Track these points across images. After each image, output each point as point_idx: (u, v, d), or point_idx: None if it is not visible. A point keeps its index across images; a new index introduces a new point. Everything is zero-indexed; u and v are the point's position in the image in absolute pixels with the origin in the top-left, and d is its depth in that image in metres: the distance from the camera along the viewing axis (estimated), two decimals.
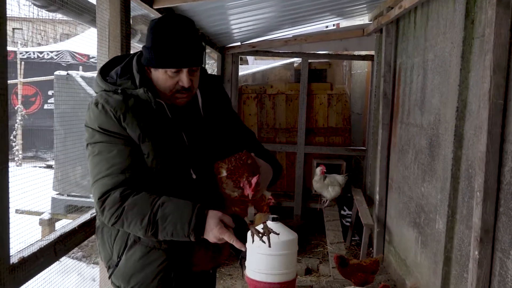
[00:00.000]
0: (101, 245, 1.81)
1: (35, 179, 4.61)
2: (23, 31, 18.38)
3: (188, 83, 1.69)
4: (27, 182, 4.22)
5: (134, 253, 1.72)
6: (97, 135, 1.65)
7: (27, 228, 4.23)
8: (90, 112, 1.67)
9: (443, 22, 3.57)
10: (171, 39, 1.65)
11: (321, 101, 6.18)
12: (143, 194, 1.61)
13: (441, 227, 3.29)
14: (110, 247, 1.76)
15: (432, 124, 3.71)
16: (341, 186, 5.58)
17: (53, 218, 5.05)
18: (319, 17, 5.38)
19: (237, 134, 1.96)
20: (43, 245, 1.59)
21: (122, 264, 1.74)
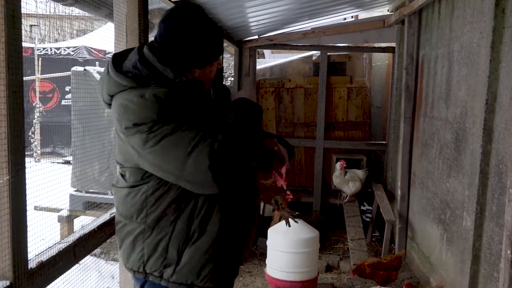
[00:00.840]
0: (150, 248, 1.72)
1: (53, 175, 4.60)
2: (40, 28, 18.55)
3: (221, 64, 1.85)
4: (45, 179, 4.20)
5: (200, 245, 1.72)
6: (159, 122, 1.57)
7: (46, 225, 4.23)
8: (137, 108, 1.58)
9: (470, 12, 3.43)
10: (210, 32, 1.75)
11: (341, 95, 6.06)
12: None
13: (469, 224, 3.18)
14: (165, 247, 1.71)
15: (458, 118, 3.59)
16: (361, 181, 5.48)
17: (71, 215, 5.05)
18: (338, 8, 5.25)
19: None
20: (62, 248, 1.54)
21: (186, 260, 1.72)
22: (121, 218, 1.78)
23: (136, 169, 1.69)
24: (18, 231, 1.30)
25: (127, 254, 1.77)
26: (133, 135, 1.59)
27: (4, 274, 1.27)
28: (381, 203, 5.06)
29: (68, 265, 1.59)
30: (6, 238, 1.26)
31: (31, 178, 3.85)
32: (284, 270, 3.55)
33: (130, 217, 1.73)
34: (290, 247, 3.51)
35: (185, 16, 1.72)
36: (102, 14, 2.55)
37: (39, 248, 1.64)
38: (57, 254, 1.51)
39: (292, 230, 3.61)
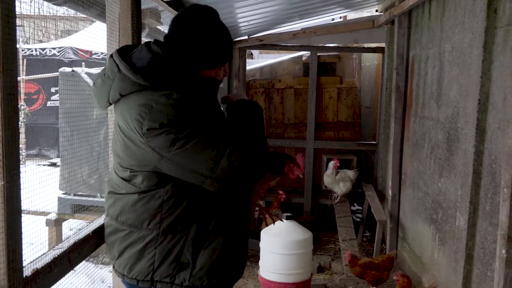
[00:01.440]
0: (162, 254, 1.68)
1: (40, 177, 4.50)
2: (25, 28, 18.29)
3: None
4: (32, 181, 4.12)
5: (215, 246, 1.71)
6: (187, 123, 1.55)
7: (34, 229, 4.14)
8: (164, 108, 1.54)
9: (461, 12, 3.44)
10: (227, 33, 1.80)
11: (331, 95, 6.06)
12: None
13: (462, 224, 3.18)
14: (179, 251, 1.68)
15: (450, 118, 3.60)
16: (352, 181, 5.48)
17: (60, 218, 4.96)
18: (328, 9, 5.26)
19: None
20: (56, 255, 1.49)
21: (203, 263, 1.70)
22: (123, 226, 1.70)
23: (151, 173, 1.63)
24: (13, 238, 1.26)
25: (132, 263, 1.70)
26: (157, 136, 1.53)
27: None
28: (372, 203, 5.07)
29: (63, 272, 1.54)
30: (1, 245, 1.22)
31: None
32: (277, 272, 3.52)
33: (139, 224, 1.67)
34: (283, 249, 3.49)
35: (202, 16, 1.73)
36: (93, 14, 2.50)
37: (28, 253, 1.59)
38: (52, 261, 1.46)
39: (285, 231, 3.59)
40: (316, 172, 5.98)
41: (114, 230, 1.72)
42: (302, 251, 3.55)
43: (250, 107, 1.83)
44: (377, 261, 3.80)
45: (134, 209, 1.67)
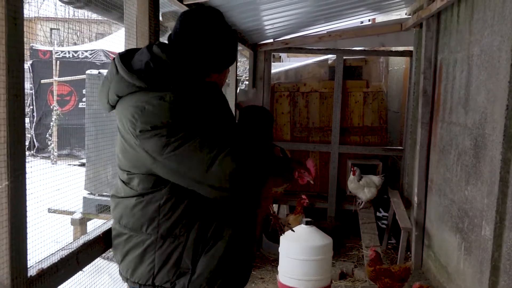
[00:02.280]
0: (161, 259, 1.65)
1: (69, 177, 4.61)
2: (60, 31, 18.82)
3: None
4: (59, 181, 4.21)
5: (216, 251, 1.67)
6: (180, 126, 1.52)
7: (59, 228, 4.23)
8: (156, 110, 1.52)
9: (490, 14, 3.33)
10: (229, 37, 1.76)
11: (357, 99, 5.97)
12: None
13: (488, 233, 3.07)
14: (179, 256, 1.65)
15: (477, 124, 3.49)
16: (377, 187, 5.38)
17: (84, 217, 5.05)
18: (355, 12, 5.18)
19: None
20: (64, 255, 1.50)
21: (203, 268, 1.66)
22: (124, 230, 1.70)
23: (147, 176, 1.61)
24: (17, 237, 1.27)
25: (133, 268, 1.69)
26: (149, 138, 1.51)
27: (1, 282, 1.24)
28: (397, 210, 4.96)
29: (70, 273, 1.55)
30: (4, 245, 1.23)
31: (45, 180, 3.85)
32: (296, 277, 3.48)
33: (138, 229, 1.66)
34: (302, 254, 3.45)
35: (206, 17, 1.70)
36: (113, 17, 2.53)
37: (52, 250, 1.60)
38: (59, 261, 1.47)
39: (304, 237, 3.55)
40: (340, 177, 5.90)
41: (117, 234, 1.72)
42: (321, 257, 3.50)
43: (257, 113, 1.79)
44: (393, 269, 3.72)
45: (133, 213, 1.66)
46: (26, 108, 12.60)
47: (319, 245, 3.50)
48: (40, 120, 11.79)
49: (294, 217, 4.77)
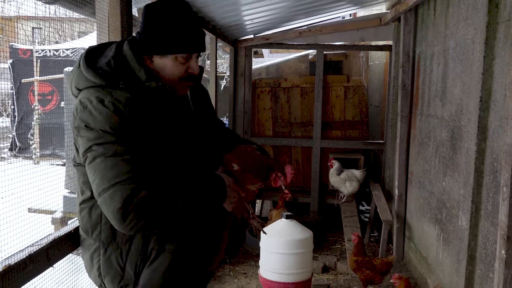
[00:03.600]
0: (105, 266, 1.64)
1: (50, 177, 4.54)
2: (42, 30, 18.56)
3: (198, 69, 1.68)
4: (40, 180, 4.15)
5: (161, 263, 1.61)
6: (108, 136, 1.49)
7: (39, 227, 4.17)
8: (93, 111, 1.50)
9: (464, 7, 3.37)
10: (181, 23, 1.62)
11: (338, 94, 6.00)
12: (164, 192, 1.53)
13: (464, 224, 3.12)
14: (121, 266, 1.62)
15: (453, 116, 3.53)
16: (359, 181, 5.41)
17: (65, 216, 5.01)
18: (335, 6, 5.20)
19: (217, 125, 2.01)
20: (33, 251, 1.49)
21: (146, 279, 1.61)
22: (81, 231, 1.72)
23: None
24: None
25: (88, 270, 1.72)
26: (81, 137, 1.53)
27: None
28: (378, 202, 5.00)
29: (40, 269, 1.54)
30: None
31: (26, 180, 3.81)
32: (277, 271, 3.49)
33: (86, 233, 1.67)
34: (283, 248, 3.45)
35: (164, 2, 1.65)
36: (86, 13, 2.50)
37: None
38: (28, 257, 1.46)
39: (285, 231, 3.55)
40: (323, 172, 5.92)
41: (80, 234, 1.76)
42: (302, 250, 3.51)
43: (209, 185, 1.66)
44: (375, 262, 3.75)
45: (81, 217, 1.68)
46: (7, 108, 12.44)
47: (300, 239, 3.51)
48: (21, 120, 11.63)
49: (276, 212, 4.78)
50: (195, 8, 3.87)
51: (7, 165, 6.27)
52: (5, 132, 11.64)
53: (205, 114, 1.84)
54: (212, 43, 4.91)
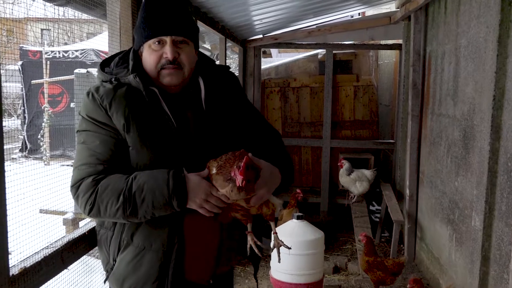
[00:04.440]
0: (99, 249, 1.71)
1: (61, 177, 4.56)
2: (52, 31, 18.68)
3: (172, 54, 1.57)
4: (50, 180, 4.17)
5: (126, 255, 1.60)
6: (85, 123, 1.59)
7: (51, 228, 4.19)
8: (82, 101, 1.62)
9: (476, 6, 3.34)
10: (152, 11, 1.60)
11: (347, 93, 5.98)
12: (116, 174, 1.53)
13: (478, 224, 3.08)
14: (107, 250, 1.66)
15: (466, 115, 3.50)
16: (369, 181, 5.39)
17: (76, 217, 5.02)
18: (344, 5, 5.17)
19: (250, 132, 1.76)
20: (48, 254, 1.49)
21: (115, 267, 1.63)
22: None
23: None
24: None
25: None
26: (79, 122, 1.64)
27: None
28: (389, 202, 4.97)
29: (55, 271, 1.54)
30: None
31: (37, 181, 3.83)
32: (288, 272, 3.47)
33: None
34: (294, 249, 3.43)
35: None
36: (96, 15, 2.51)
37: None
38: (43, 259, 1.46)
39: (296, 231, 3.54)
40: (333, 172, 5.90)
41: None
42: (314, 251, 3.49)
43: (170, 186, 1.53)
44: (387, 263, 3.73)
45: None
46: (18, 110, 12.53)
47: (311, 239, 3.50)
48: (31, 121, 11.71)
49: (287, 211, 4.76)
50: (204, 9, 3.87)
51: (18, 166, 6.29)
52: (15, 133, 11.72)
53: (222, 116, 1.68)
54: (221, 44, 4.91)
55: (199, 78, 1.69)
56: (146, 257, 1.58)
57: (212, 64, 1.78)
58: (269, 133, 1.83)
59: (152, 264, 1.58)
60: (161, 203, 1.47)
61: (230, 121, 1.70)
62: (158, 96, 1.60)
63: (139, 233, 1.59)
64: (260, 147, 1.66)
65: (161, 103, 1.60)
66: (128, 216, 1.50)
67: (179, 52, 1.59)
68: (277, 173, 1.59)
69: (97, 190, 1.50)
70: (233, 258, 1.78)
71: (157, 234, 1.58)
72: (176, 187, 1.46)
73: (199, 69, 1.70)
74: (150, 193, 1.47)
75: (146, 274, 1.59)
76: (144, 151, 1.55)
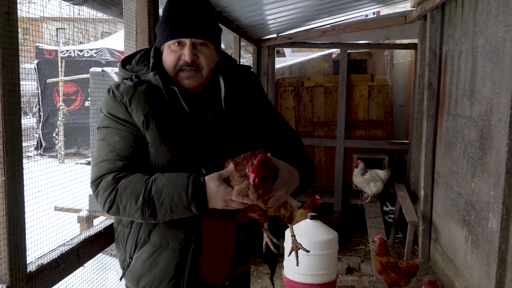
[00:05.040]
0: (116, 246, 1.72)
1: (75, 175, 4.60)
2: (66, 31, 18.86)
3: (190, 56, 1.56)
4: (66, 179, 4.22)
5: (142, 252, 1.60)
6: (106, 120, 1.59)
7: (66, 225, 4.24)
8: (103, 98, 1.62)
9: (494, 4, 3.29)
10: (175, 11, 1.58)
11: (361, 93, 5.94)
12: (137, 174, 1.52)
13: (495, 226, 3.04)
14: (124, 248, 1.66)
15: (483, 115, 3.45)
16: (383, 181, 5.35)
17: (91, 215, 5.06)
18: (359, 4, 5.14)
19: (270, 132, 1.74)
20: (64, 251, 1.50)
21: (132, 264, 1.63)
22: None
23: None
24: (16, 233, 1.27)
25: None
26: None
27: (0, 277, 1.24)
28: (403, 203, 4.93)
29: (71, 268, 1.55)
30: (2, 241, 1.23)
31: (52, 178, 3.87)
32: (301, 272, 3.46)
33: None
34: (308, 249, 3.42)
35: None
36: (113, 14, 2.52)
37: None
38: (59, 256, 1.47)
39: (309, 231, 3.52)
40: (346, 172, 5.87)
41: None
42: (327, 251, 3.48)
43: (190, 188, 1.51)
44: (401, 265, 3.69)
45: None
46: (33, 108, 12.68)
47: (325, 240, 3.48)
48: (47, 119, 11.84)
49: (300, 211, 4.74)
50: (219, 8, 3.87)
51: (33, 164, 6.36)
52: (31, 131, 11.85)
53: (241, 116, 1.67)
54: (235, 43, 4.91)
55: (219, 77, 1.68)
56: (162, 256, 1.57)
57: (233, 64, 1.77)
58: (289, 134, 1.81)
59: (169, 262, 1.57)
60: (179, 208, 1.47)
61: (250, 121, 1.68)
62: (177, 94, 1.60)
63: (156, 231, 1.58)
64: (279, 148, 1.64)
65: (180, 101, 1.60)
66: (147, 217, 1.50)
67: (198, 54, 1.58)
68: (296, 175, 1.57)
69: (117, 189, 1.50)
70: (249, 259, 1.77)
71: (174, 233, 1.57)
72: (196, 193, 1.45)
73: (220, 68, 1.69)
74: (169, 197, 1.46)
75: (162, 273, 1.58)
76: (163, 149, 1.54)
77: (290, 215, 1.56)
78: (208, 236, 1.60)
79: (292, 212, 1.57)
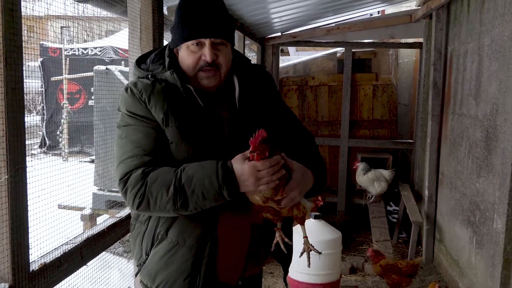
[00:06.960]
0: (133, 242, 1.70)
1: (78, 173, 4.61)
2: (71, 29, 18.89)
3: (211, 56, 1.56)
4: (69, 177, 4.22)
5: (159, 249, 1.60)
6: (126, 118, 1.58)
7: (69, 223, 4.24)
8: (121, 97, 1.61)
9: (501, 3, 3.26)
10: (191, 11, 1.57)
11: (366, 92, 5.91)
12: (164, 167, 1.51)
13: (500, 226, 3.02)
14: (140, 244, 1.65)
15: (488, 115, 3.42)
16: (387, 181, 5.33)
17: (94, 213, 5.07)
18: (364, 3, 5.12)
19: (284, 132, 1.73)
20: (67, 250, 1.49)
21: (148, 261, 1.63)
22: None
23: None
24: (19, 232, 1.26)
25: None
26: (119, 116, 1.63)
27: (3, 276, 1.23)
28: (407, 203, 4.91)
29: (74, 267, 1.54)
30: (5, 239, 1.22)
31: (56, 177, 3.87)
32: (305, 272, 3.45)
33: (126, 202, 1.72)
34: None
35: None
36: (117, 12, 2.51)
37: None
38: (62, 255, 1.46)
39: (313, 231, 3.51)
40: (350, 171, 5.85)
41: None
42: (331, 251, 3.46)
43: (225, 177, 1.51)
44: (401, 265, 3.69)
45: None
46: (37, 106, 12.71)
47: (328, 239, 3.47)
48: (51, 118, 11.85)
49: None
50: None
51: (37, 162, 6.37)
52: (35, 129, 11.88)
53: (254, 115, 1.66)
54: (240, 41, 4.90)
55: (233, 76, 1.68)
56: (179, 253, 1.58)
57: (247, 63, 1.77)
58: (303, 134, 1.80)
59: (185, 260, 1.58)
60: (211, 194, 1.45)
61: (264, 120, 1.65)
62: (193, 93, 1.61)
63: (173, 228, 1.59)
64: (293, 148, 1.64)
65: (197, 100, 1.60)
66: (179, 209, 1.48)
67: (217, 54, 1.59)
68: (310, 176, 1.56)
69: (147, 183, 1.48)
70: (263, 259, 1.77)
71: (191, 230, 1.57)
72: (225, 177, 1.44)
73: (234, 67, 1.69)
74: (200, 184, 1.45)
75: (179, 270, 1.59)
76: (183, 146, 1.54)
77: (303, 216, 1.57)
78: (224, 235, 1.60)
79: (305, 213, 1.58)
